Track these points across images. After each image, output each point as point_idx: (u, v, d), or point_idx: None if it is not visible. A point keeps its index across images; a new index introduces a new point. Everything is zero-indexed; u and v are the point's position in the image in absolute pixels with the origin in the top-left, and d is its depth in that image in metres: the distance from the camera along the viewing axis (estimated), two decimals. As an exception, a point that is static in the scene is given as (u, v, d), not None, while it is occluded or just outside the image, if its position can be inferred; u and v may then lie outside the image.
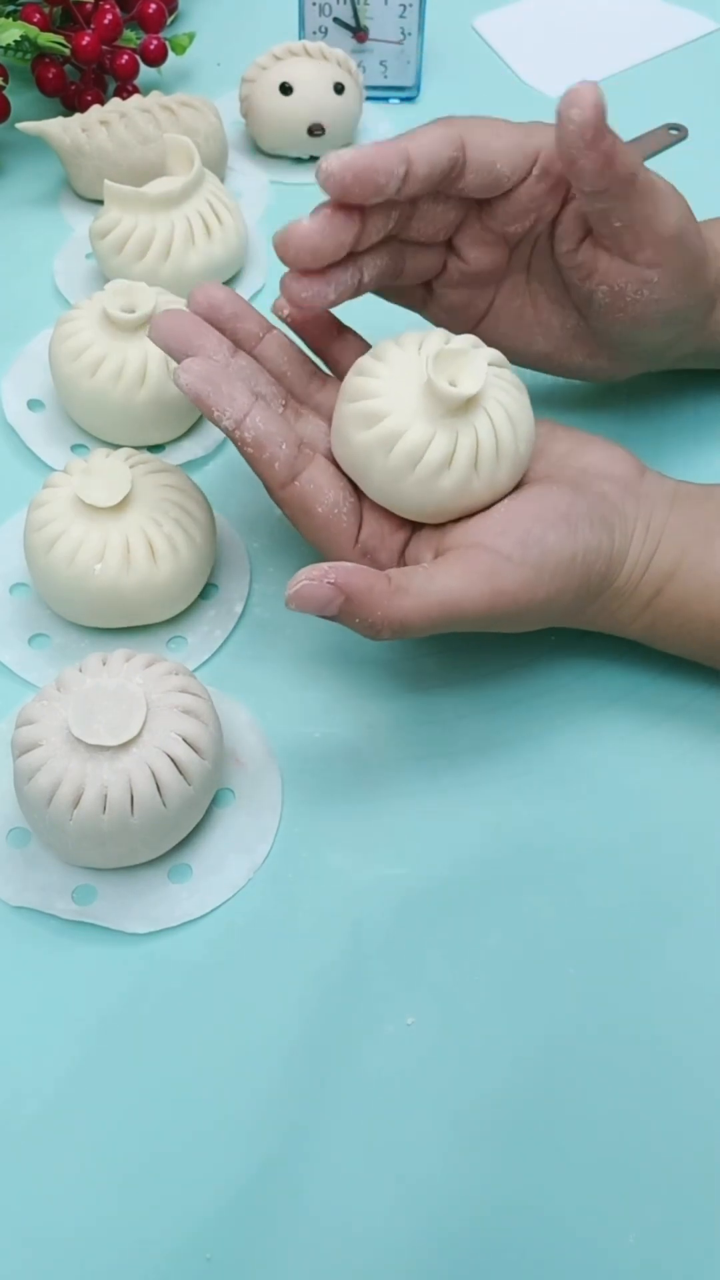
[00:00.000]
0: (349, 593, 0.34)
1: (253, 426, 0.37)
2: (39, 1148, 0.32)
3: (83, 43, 0.62)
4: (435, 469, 0.37)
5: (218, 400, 0.37)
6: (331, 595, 0.34)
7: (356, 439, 0.37)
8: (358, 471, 0.38)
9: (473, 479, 0.37)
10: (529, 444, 0.38)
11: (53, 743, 0.34)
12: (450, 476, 0.37)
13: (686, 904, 0.37)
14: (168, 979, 0.35)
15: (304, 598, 0.34)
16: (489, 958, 0.36)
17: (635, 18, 0.77)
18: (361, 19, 0.65)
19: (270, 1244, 0.31)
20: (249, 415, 0.37)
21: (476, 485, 0.37)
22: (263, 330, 0.41)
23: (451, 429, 0.37)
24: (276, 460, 0.37)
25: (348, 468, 0.39)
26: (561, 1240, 0.31)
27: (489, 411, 0.37)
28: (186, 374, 0.37)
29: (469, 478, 0.37)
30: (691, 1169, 0.32)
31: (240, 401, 0.37)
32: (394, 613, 0.35)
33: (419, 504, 0.38)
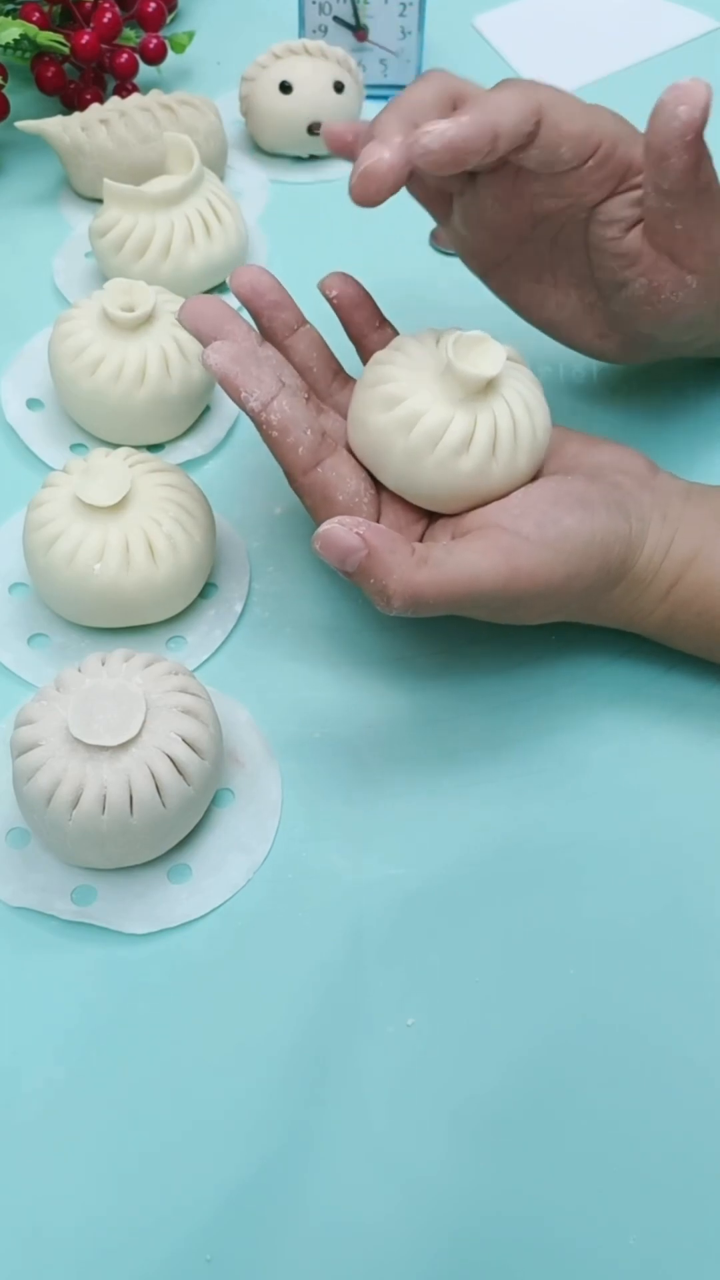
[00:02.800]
0: (372, 548, 0.34)
1: (279, 410, 0.37)
2: (39, 1148, 0.32)
3: (82, 41, 0.62)
4: (454, 450, 0.37)
5: (245, 381, 0.37)
6: (356, 546, 0.34)
7: (376, 421, 0.38)
8: (376, 455, 0.38)
9: (491, 463, 0.37)
10: (546, 434, 0.39)
11: (52, 743, 0.34)
12: (469, 459, 0.37)
13: (687, 904, 0.37)
14: (168, 979, 0.35)
15: (329, 541, 0.34)
16: (489, 958, 0.36)
17: (636, 16, 0.77)
18: (361, 17, 0.65)
19: (270, 1244, 0.31)
20: (276, 399, 0.37)
21: (495, 470, 0.37)
22: (298, 324, 0.41)
23: (471, 412, 0.37)
24: (300, 445, 0.37)
25: (365, 453, 0.39)
26: (562, 1240, 0.31)
27: (507, 399, 0.38)
28: (216, 354, 0.37)
29: (487, 461, 0.37)
30: (692, 1170, 0.32)
31: (268, 384, 0.37)
32: (411, 582, 0.34)
33: (437, 487, 0.38)
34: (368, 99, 0.66)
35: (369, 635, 0.43)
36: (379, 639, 0.43)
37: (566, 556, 0.36)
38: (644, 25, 0.76)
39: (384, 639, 0.43)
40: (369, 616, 0.44)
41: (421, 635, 0.43)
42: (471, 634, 0.43)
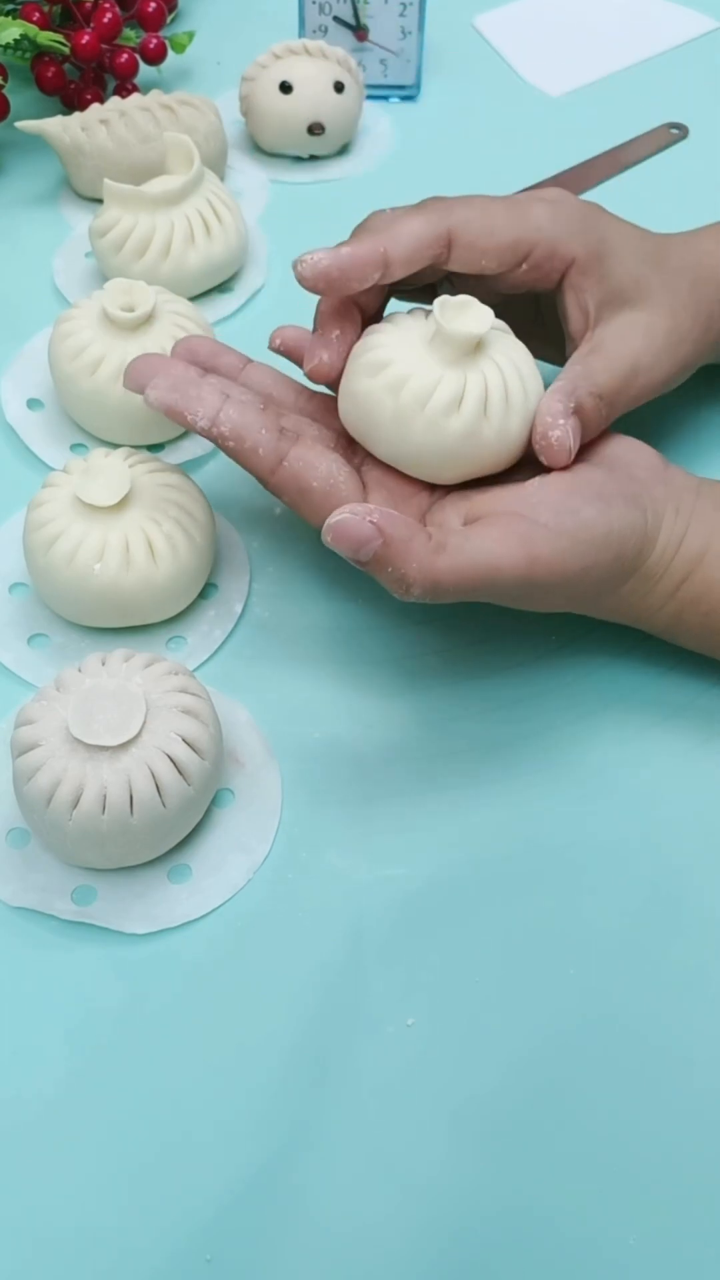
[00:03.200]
0: (388, 536, 0.33)
1: (227, 420, 0.37)
2: (40, 1148, 0.32)
3: (82, 41, 0.62)
4: (444, 409, 0.37)
5: (187, 404, 0.37)
6: (370, 535, 0.33)
7: (364, 386, 0.38)
8: (366, 422, 0.38)
9: (483, 424, 0.37)
10: (538, 397, 0.38)
11: (52, 743, 0.34)
12: (459, 419, 0.37)
13: (687, 904, 0.37)
14: (168, 979, 0.35)
15: (342, 533, 0.33)
16: (489, 958, 0.36)
17: (636, 16, 0.77)
18: (361, 17, 0.65)
19: (270, 1244, 0.31)
20: (221, 410, 0.37)
21: (487, 432, 0.37)
22: (243, 363, 0.42)
23: (460, 372, 0.37)
24: (260, 447, 0.37)
25: (355, 422, 0.39)
26: (562, 1241, 0.31)
27: (496, 361, 0.37)
28: (154, 390, 0.37)
29: (478, 421, 0.37)
30: (692, 1170, 0.32)
31: (210, 400, 0.37)
32: (430, 569, 0.34)
33: (428, 450, 0.37)
34: (368, 99, 0.66)
35: (369, 635, 0.43)
36: (379, 639, 0.43)
37: (584, 548, 0.36)
38: (644, 25, 0.76)
39: (384, 639, 0.43)
40: (369, 616, 0.44)
41: (421, 635, 0.43)
42: (471, 634, 0.43)
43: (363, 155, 0.65)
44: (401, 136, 0.67)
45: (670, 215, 0.47)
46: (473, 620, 0.44)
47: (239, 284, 0.57)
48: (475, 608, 0.43)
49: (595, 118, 0.68)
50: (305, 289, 0.38)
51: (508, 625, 0.43)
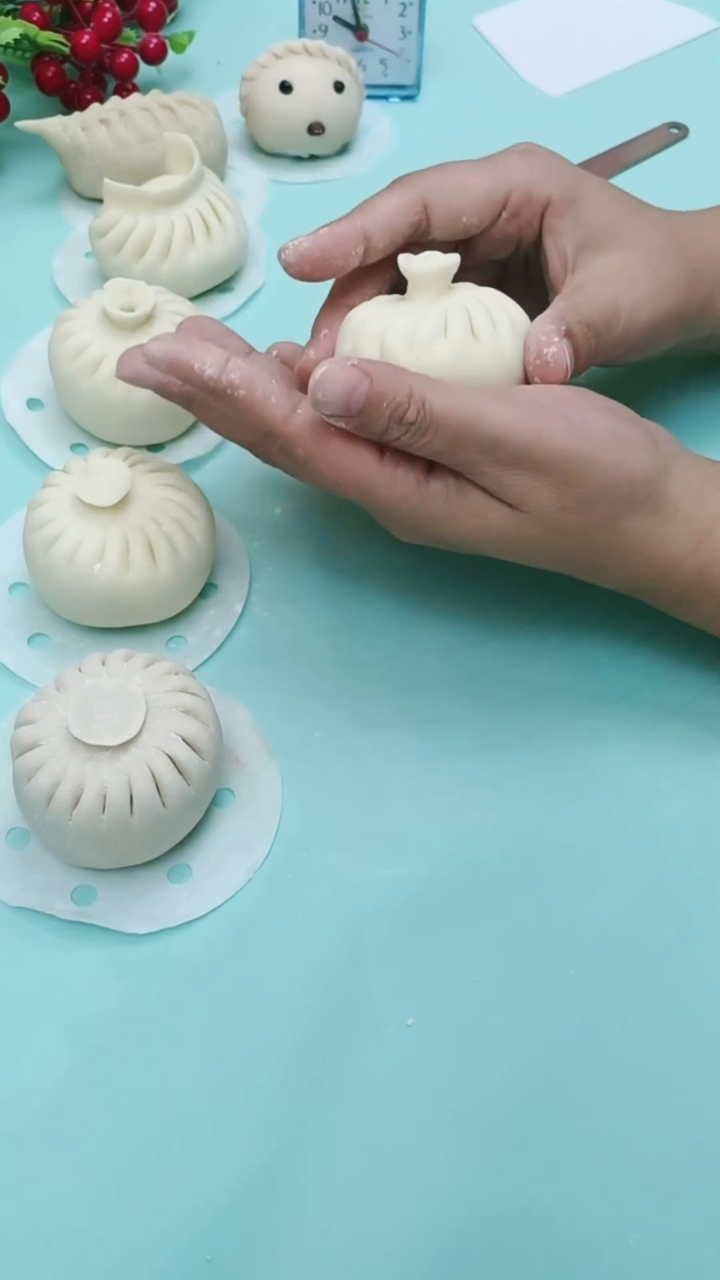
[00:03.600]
0: (374, 374, 0.33)
1: (236, 368, 0.36)
2: (39, 1148, 0.32)
3: (82, 41, 0.62)
4: (430, 336, 0.36)
5: (193, 354, 0.36)
6: (358, 377, 0.33)
7: (351, 344, 0.38)
8: None
9: (473, 346, 0.37)
10: (524, 321, 0.38)
11: (52, 743, 0.34)
12: (447, 342, 0.36)
13: (687, 904, 0.37)
14: (168, 979, 0.35)
15: (330, 384, 0.33)
16: (489, 958, 0.36)
17: (636, 16, 0.77)
18: (361, 17, 0.65)
19: (270, 1244, 0.31)
20: (229, 360, 0.36)
21: (479, 352, 0.37)
22: (248, 350, 0.41)
23: (438, 306, 0.37)
24: (272, 395, 0.36)
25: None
26: (562, 1241, 0.31)
27: (473, 294, 0.38)
28: (155, 345, 0.37)
29: (468, 343, 0.36)
30: (692, 1170, 0.32)
31: (215, 353, 0.37)
32: (424, 394, 0.33)
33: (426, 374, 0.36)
34: (368, 98, 0.66)
35: (369, 635, 0.43)
36: (379, 639, 0.43)
37: (583, 439, 0.35)
38: (644, 25, 0.76)
39: (384, 639, 0.43)
40: (369, 616, 0.44)
41: (422, 635, 0.43)
42: (472, 634, 0.43)
43: (363, 155, 0.65)
44: (401, 136, 0.67)
45: (670, 215, 0.47)
46: (472, 622, 0.44)
47: (239, 284, 0.57)
48: (475, 607, 0.43)
49: (595, 118, 0.68)
50: (292, 276, 0.38)
51: (508, 625, 0.43)
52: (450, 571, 0.45)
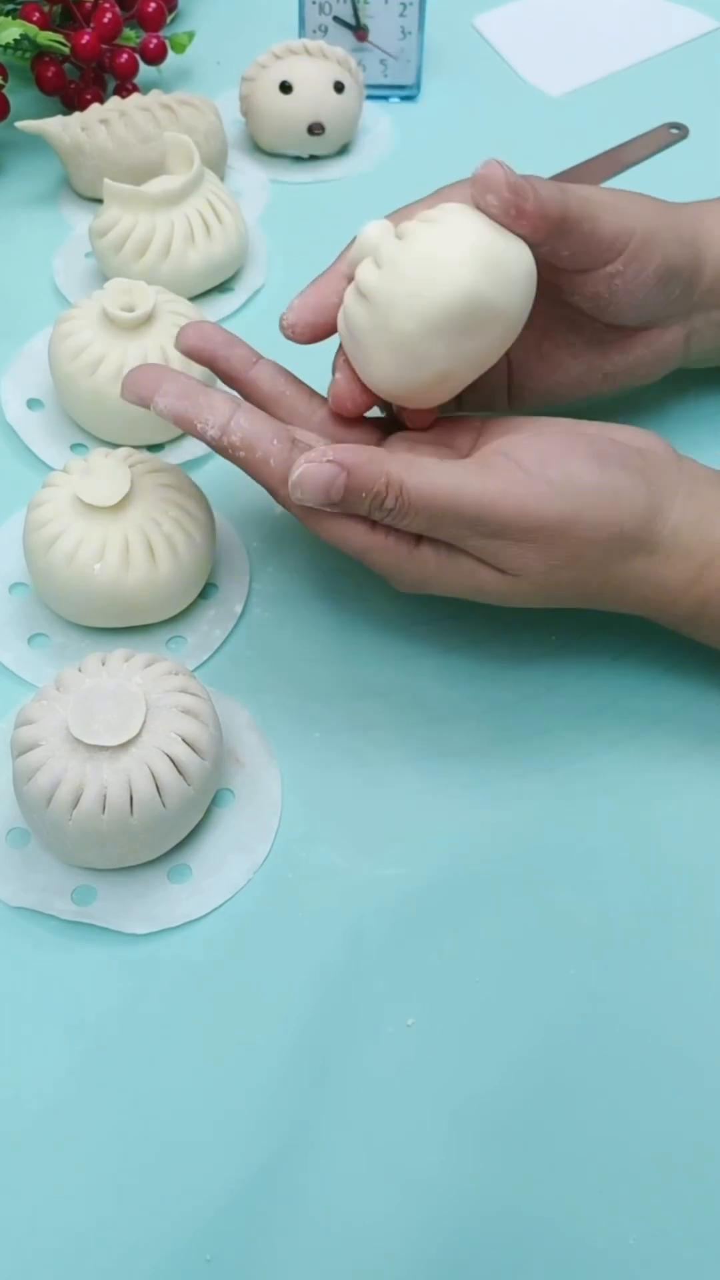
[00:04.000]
0: (349, 465, 0.34)
1: (238, 428, 0.37)
2: (39, 1148, 0.32)
3: (82, 41, 0.62)
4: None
5: (198, 412, 0.37)
6: (334, 473, 0.34)
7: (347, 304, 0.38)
8: (352, 330, 0.38)
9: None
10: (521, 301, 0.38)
11: (52, 743, 0.34)
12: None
13: (687, 904, 0.37)
14: (168, 979, 0.35)
15: (308, 483, 0.34)
16: (489, 958, 0.36)
17: (636, 16, 0.77)
18: (361, 17, 0.65)
19: (270, 1244, 0.31)
20: (233, 419, 0.37)
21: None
22: (255, 356, 0.41)
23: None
24: (271, 457, 0.37)
25: (349, 340, 0.38)
26: (561, 1240, 0.31)
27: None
28: (164, 398, 0.37)
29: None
30: (692, 1170, 0.32)
31: (221, 408, 0.37)
32: (400, 479, 0.34)
33: (416, 305, 0.36)
34: (368, 99, 0.66)
35: (369, 635, 0.43)
36: (379, 639, 0.43)
37: (567, 498, 0.35)
38: (644, 25, 0.76)
39: (384, 639, 0.43)
40: (369, 616, 0.44)
41: (422, 636, 0.43)
42: (472, 635, 0.43)
43: (363, 155, 0.65)
44: (401, 136, 0.67)
45: (670, 215, 0.47)
46: (473, 621, 0.44)
47: (239, 284, 0.57)
48: (475, 608, 0.43)
49: (595, 118, 0.68)
50: (304, 343, 0.40)
51: (508, 626, 0.43)
52: (450, 571, 0.45)
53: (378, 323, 0.36)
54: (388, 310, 0.36)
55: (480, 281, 0.35)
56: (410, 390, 0.38)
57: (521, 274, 0.37)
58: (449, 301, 0.35)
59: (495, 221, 0.36)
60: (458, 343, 0.36)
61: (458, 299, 0.35)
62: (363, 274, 0.37)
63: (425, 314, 0.35)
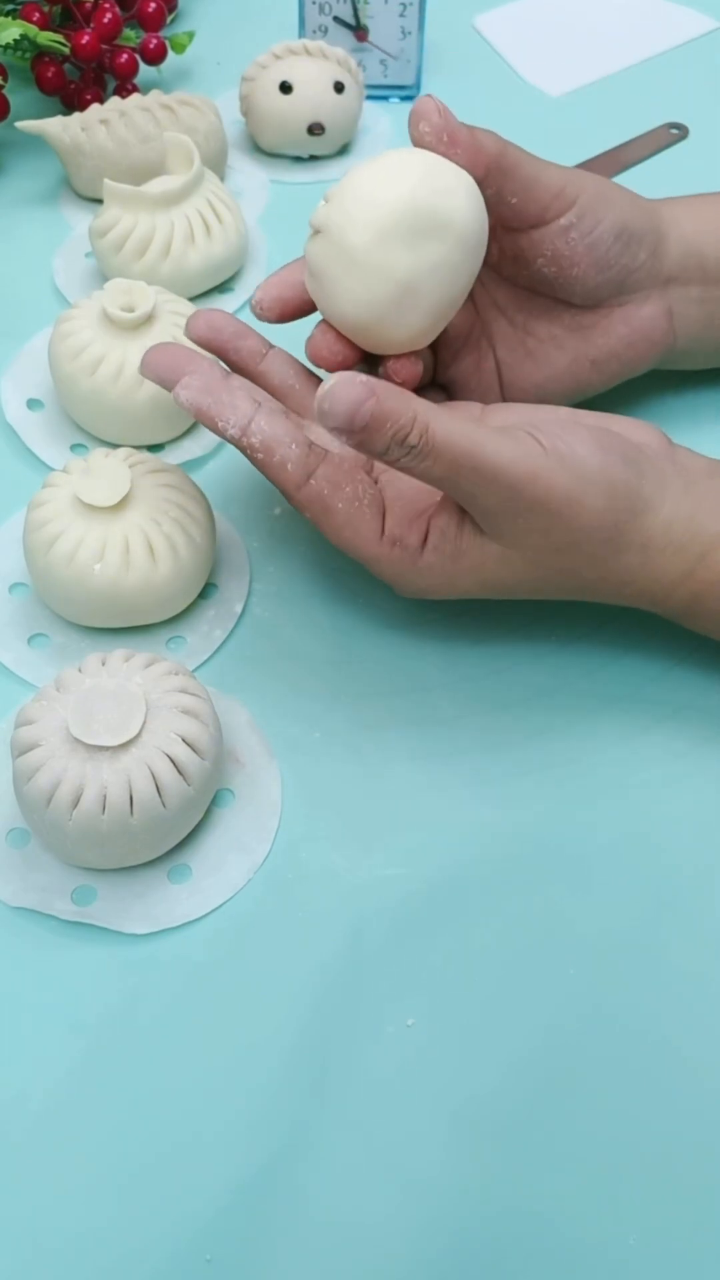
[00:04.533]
0: (380, 393, 0.33)
1: (259, 430, 0.37)
2: (39, 1148, 0.32)
3: (82, 41, 0.62)
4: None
5: (219, 410, 0.37)
6: (365, 394, 0.33)
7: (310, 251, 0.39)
8: (317, 280, 0.38)
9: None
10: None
11: (52, 743, 0.34)
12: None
13: (687, 904, 0.37)
14: (168, 979, 0.35)
15: (338, 396, 0.33)
16: (489, 958, 0.36)
17: (636, 16, 0.77)
18: (361, 18, 0.65)
19: (270, 1244, 0.31)
20: (253, 420, 0.37)
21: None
22: (265, 347, 0.42)
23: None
24: (289, 462, 0.37)
25: (313, 287, 0.39)
26: (561, 1240, 0.31)
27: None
28: (186, 390, 0.37)
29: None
30: (692, 1170, 0.32)
31: (243, 408, 0.37)
32: (426, 420, 0.34)
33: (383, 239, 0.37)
34: (368, 99, 0.66)
35: (369, 635, 0.43)
36: (379, 639, 0.43)
37: (573, 478, 0.35)
38: (644, 25, 0.76)
39: (385, 639, 0.43)
40: (369, 617, 0.44)
41: (423, 636, 0.43)
42: (472, 634, 0.43)
43: (363, 155, 0.65)
44: (401, 137, 0.66)
45: (670, 215, 0.47)
46: (473, 621, 0.44)
47: (239, 284, 0.57)
48: (476, 608, 0.43)
49: (595, 118, 0.68)
50: (273, 321, 0.41)
51: (507, 626, 0.43)
52: (450, 571, 0.45)
53: (333, 248, 0.37)
54: (340, 234, 0.37)
55: (420, 189, 0.37)
56: (380, 313, 0.38)
57: (464, 188, 0.38)
58: (394, 206, 0.37)
59: (430, 149, 0.38)
60: (413, 250, 0.37)
61: (402, 203, 0.37)
62: (315, 216, 0.38)
63: (374, 222, 0.37)
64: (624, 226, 0.42)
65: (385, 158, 0.38)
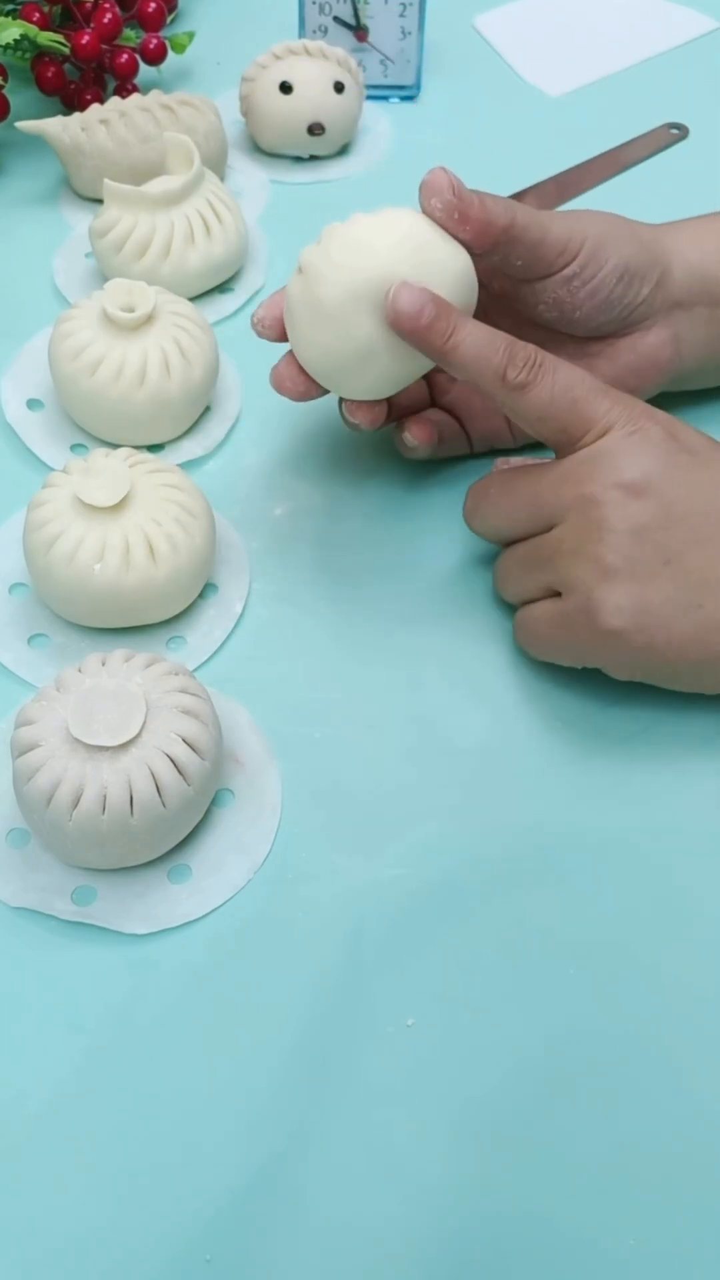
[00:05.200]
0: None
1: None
2: (39, 1148, 0.32)
3: (82, 41, 0.62)
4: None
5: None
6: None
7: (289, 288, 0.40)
8: (290, 321, 0.40)
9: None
10: None
11: (52, 743, 0.34)
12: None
13: (687, 904, 0.37)
14: (168, 979, 0.35)
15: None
16: (489, 958, 0.36)
17: (636, 16, 0.77)
18: (361, 18, 0.65)
19: (270, 1245, 0.31)
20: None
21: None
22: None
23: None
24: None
25: (285, 315, 0.41)
26: (562, 1241, 0.31)
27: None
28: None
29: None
30: (692, 1171, 0.32)
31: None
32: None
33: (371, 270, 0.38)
34: (368, 99, 0.66)
35: (369, 636, 0.43)
36: (379, 639, 0.43)
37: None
38: (644, 25, 0.76)
39: (384, 639, 0.43)
40: (369, 617, 0.44)
41: (422, 635, 0.43)
42: (472, 634, 0.43)
43: (363, 155, 0.65)
44: (401, 136, 0.67)
45: (670, 215, 0.47)
46: (472, 622, 0.44)
47: (239, 284, 0.57)
48: (474, 608, 0.43)
49: (595, 118, 0.68)
50: (273, 340, 0.42)
51: (509, 626, 0.43)
52: (450, 572, 0.45)
53: (308, 294, 0.38)
54: (316, 281, 0.38)
55: (402, 264, 0.37)
56: (337, 367, 0.40)
57: (453, 273, 0.38)
58: (369, 275, 0.37)
59: (439, 225, 0.38)
60: (379, 321, 0.38)
61: (377, 273, 0.37)
62: (303, 253, 0.39)
63: (347, 284, 0.38)
64: (626, 268, 0.42)
65: (383, 216, 0.38)
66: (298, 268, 0.39)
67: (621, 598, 0.36)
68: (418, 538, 0.46)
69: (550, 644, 0.39)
